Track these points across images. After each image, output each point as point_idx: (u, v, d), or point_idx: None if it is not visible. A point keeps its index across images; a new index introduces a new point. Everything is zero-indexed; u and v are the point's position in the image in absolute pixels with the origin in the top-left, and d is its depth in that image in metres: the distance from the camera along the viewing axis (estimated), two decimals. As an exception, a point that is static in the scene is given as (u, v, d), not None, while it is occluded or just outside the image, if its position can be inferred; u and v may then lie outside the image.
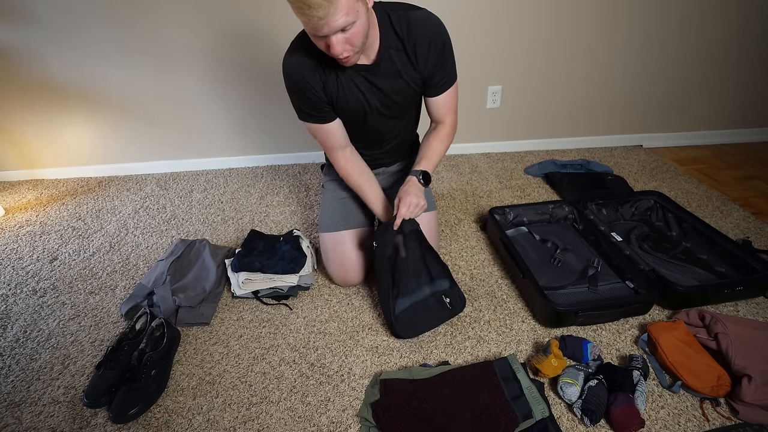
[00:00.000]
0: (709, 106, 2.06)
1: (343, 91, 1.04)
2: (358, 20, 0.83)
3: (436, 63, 1.03)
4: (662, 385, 0.94)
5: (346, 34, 0.83)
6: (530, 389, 0.89)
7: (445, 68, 1.06)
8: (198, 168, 2.07)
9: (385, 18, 0.97)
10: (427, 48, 1.00)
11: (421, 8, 1.00)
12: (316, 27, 0.80)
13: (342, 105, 1.07)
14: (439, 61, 1.03)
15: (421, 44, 0.99)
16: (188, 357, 1.06)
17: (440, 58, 1.03)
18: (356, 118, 1.11)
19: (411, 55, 1.01)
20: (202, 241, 1.40)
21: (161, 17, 1.67)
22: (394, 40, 0.99)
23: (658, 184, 1.79)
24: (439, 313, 1.09)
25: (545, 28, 1.80)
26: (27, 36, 1.66)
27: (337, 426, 0.89)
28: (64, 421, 0.92)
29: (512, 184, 1.84)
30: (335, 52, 0.85)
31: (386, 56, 1.00)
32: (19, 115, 1.84)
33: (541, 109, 2.02)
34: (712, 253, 1.29)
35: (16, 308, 1.24)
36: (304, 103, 1.05)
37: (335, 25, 0.79)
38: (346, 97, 1.05)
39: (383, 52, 0.99)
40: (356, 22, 0.82)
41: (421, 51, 1.00)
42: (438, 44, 1.01)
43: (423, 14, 0.99)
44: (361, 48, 0.90)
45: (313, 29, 0.81)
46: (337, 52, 0.85)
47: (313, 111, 1.07)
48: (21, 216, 1.72)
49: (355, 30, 0.84)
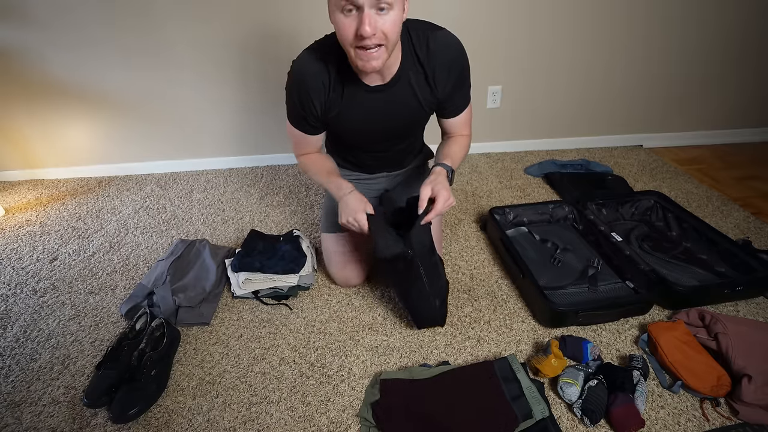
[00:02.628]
0: (709, 106, 2.06)
1: (346, 111, 1.00)
2: (395, 9, 0.79)
3: (455, 87, 1.01)
4: (662, 385, 0.94)
5: (381, 17, 0.78)
6: (530, 389, 0.89)
7: (462, 91, 1.05)
8: (198, 168, 2.06)
9: (407, 38, 0.94)
10: (447, 73, 0.98)
11: (442, 29, 0.97)
12: None
13: (343, 123, 1.03)
14: (457, 85, 1.01)
15: (441, 69, 0.97)
16: (188, 357, 1.06)
17: (459, 82, 1.01)
18: (356, 138, 1.08)
19: (430, 79, 0.98)
20: (202, 241, 1.40)
21: (161, 18, 1.67)
22: (414, 63, 0.96)
23: (658, 184, 1.79)
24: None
25: (545, 28, 1.80)
26: (27, 36, 1.66)
27: (337, 426, 0.89)
28: (64, 421, 0.92)
29: (512, 184, 1.84)
30: (365, 31, 0.77)
31: (403, 77, 0.96)
32: (19, 115, 1.84)
33: (541, 109, 2.02)
34: (712, 253, 1.29)
35: (16, 308, 1.24)
36: (294, 108, 1.02)
37: None
38: (349, 116, 1.00)
39: (401, 73, 0.96)
40: (394, 7, 0.78)
41: (440, 75, 0.98)
42: (458, 69, 0.99)
43: (444, 36, 0.96)
44: (390, 51, 0.85)
45: None
46: (367, 32, 0.77)
47: (300, 120, 1.03)
48: (21, 216, 1.72)
49: (391, 18, 0.79)
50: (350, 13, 0.78)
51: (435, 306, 1.04)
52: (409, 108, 1.02)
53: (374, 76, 0.94)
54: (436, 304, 1.04)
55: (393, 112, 1.02)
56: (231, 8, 1.67)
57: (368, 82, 0.96)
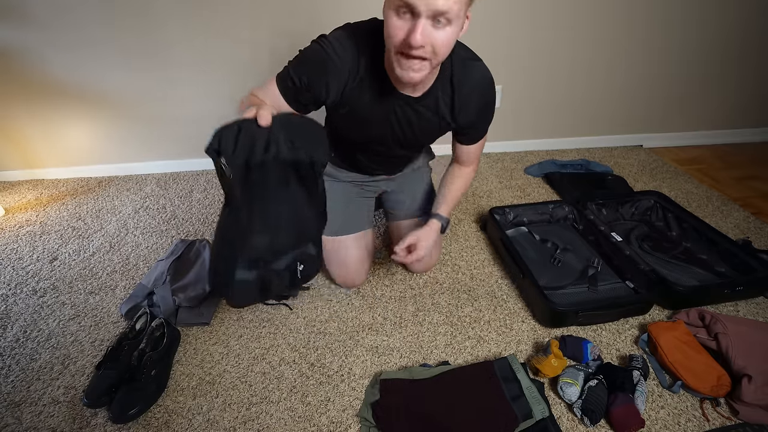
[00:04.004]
0: (709, 106, 2.06)
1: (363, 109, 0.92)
2: (453, 25, 0.72)
3: (477, 119, 1.01)
4: (662, 385, 0.94)
5: (435, 30, 0.72)
6: (530, 389, 0.89)
7: (483, 125, 1.05)
8: (198, 168, 2.06)
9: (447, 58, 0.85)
10: (474, 105, 0.96)
11: (481, 60, 0.94)
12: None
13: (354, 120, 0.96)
14: (480, 118, 1.01)
15: (469, 99, 0.95)
16: (188, 357, 1.06)
17: (483, 116, 1.01)
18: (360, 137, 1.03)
19: (456, 106, 0.96)
20: (202, 241, 1.40)
21: (161, 17, 1.67)
22: (446, 84, 0.93)
23: (658, 184, 1.79)
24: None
25: (545, 28, 1.80)
26: (27, 36, 1.66)
27: (337, 426, 0.89)
28: (64, 421, 0.92)
29: (512, 184, 1.84)
30: (415, 40, 0.70)
31: (433, 95, 0.93)
32: (19, 115, 1.84)
33: (541, 109, 2.02)
34: (712, 253, 1.29)
35: (16, 308, 1.24)
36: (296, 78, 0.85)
37: (437, 4, 0.67)
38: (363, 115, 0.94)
39: (432, 90, 0.92)
40: (452, 23, 0.72)
41: (466, 105, 0.96)
42: (484, 103, 0.98)
43: (482, 69, 0.94)
44: (434, 67, 0.79)
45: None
46: (417, 41, 0.70)
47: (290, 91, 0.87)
48: (21, 216, 1.72)
49: (446, 34, 0.73)
50: (404, 16, 0.71)
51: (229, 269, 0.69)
52: (429, 125, 0.99)
53: (408, 86, 0.89)
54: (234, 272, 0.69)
55: (411, 125, 0.98)
56: (231, 8, 1.67)
57: (399, 88, 0.90)
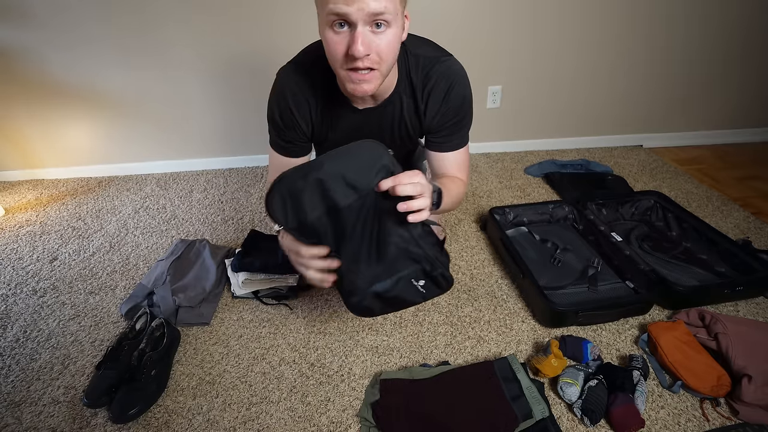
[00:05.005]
0: (711, 106, 2.05)
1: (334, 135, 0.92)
2: (393, 27, 0.69)
3: (445, 122, 0.90)
4: (662, 385, 0.94)
5: (375, 36, 0.68)
6: (530, 389, 0.89)
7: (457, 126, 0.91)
8: (198, 168, 2.06)
9: (404, 59, 0.84)
10: (440, 104, 0.88)
11: (448, 56, 0.87)
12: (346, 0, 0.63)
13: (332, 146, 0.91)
14: (450, 117, 0.90)
15: (435, 100, 0.87)
16: (188, 357, 1.06)
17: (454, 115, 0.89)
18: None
19: (420, 109, 0.89)
20: (202, 241, 1.40)
21: (160, 16, 1.67)
22: (406, 87, 0.87)
23: (658, 184, 1.79)
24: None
25: (546, 28, 1.80)
26: (27, 36, 1.66)
27: (337, 426, 0.89)
28: (64, 421, 0.92)
29: (512, 184, 1.84)
30: (357, 51, 0.66)
31: (396, 101, 0.88)
32: (19, 115, 1.84)
33: (541, 109, 2.02)
34: (712, 253, 1.29)
35: (16, 308, 1.24)
36: (277, 129, 0.93)
37: (369, 6, 0.63)
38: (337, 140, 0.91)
39: (393, 98, 0.87)
40: (391, 25, 0.68)
41: (432, 106, 0.88)
42: (455, 101, 0.88)
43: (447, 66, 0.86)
44: (385, 74, 0.74)
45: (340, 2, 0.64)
46: (360, 52, 0.67)
47: (282, 144, 0.94)
48: (21, 216, 1.72)
49: (387, 37, 0.69)
50: (341, 30, 0.67)
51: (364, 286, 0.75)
52: (401, 130, 0.93)
53: (365, 98, 0.85)
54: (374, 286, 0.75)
55: (383, 136, 0.93)
56: (231, 7, 1.67)
57: (359, 104, 0.87)
